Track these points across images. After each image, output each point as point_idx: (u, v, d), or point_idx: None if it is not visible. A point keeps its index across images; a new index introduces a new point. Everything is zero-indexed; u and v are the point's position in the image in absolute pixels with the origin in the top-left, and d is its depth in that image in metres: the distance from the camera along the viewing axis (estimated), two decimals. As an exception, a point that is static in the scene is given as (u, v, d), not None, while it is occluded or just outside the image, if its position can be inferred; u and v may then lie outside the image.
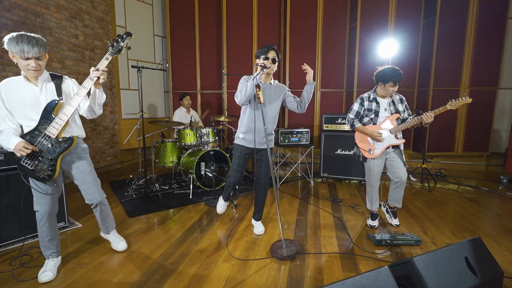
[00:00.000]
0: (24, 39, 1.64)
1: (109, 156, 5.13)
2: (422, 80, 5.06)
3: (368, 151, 2.66)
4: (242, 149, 2.41)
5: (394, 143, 2.59)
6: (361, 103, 2.68)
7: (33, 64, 1.70)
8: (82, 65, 4.53)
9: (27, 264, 2.11)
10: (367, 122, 2.68)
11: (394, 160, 2.62)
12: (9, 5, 3.47)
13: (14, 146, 1.70)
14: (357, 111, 2.69)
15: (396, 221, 2.79)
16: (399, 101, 2.63)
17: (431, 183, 4.20)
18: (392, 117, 2.60)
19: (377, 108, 2.62)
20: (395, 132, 2.58)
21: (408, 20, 4.98)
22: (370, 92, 2.67)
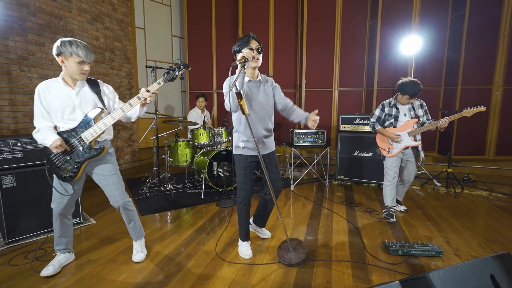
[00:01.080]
0: (81, 44, 1.77)
1: (128, 154, 5.27)
2: (449, 78, 4.73)
3: (386, 151, 2.98)
4: (246, 159, 2.10)
5: (411, 145, 2.87)
6: (382, 109, 3.02)
7: (87, 68, 1.82)
8: (102, 66, 4.68)
9: (42, 258, 2.18)
10: (388, 126, 2.99)
11: (409, 162, 2.94)
12: (35, 10, 3.64)
13: (51, 143, 1.75)
14: (378, 116, 3.04)
15: (403, 207, 3.15)
16: (419, 107, 2.91)
17: (457, 189, 3.91)
18: (411, 121, 2.88)
19: (396, 113, 2.94)
20: (413, 134, 2.85)
21: (434, 14, 4.68)
22: (391, 99, 2.99)
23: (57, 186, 1.91)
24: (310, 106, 5.42)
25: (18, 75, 3.47)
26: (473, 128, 4.60)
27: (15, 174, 2.38)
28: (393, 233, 2.62)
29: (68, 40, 1.75)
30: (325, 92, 5.34)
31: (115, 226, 2.77)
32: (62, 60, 1.78)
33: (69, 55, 1.75)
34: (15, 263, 2.10)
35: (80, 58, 1.76)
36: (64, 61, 1.78)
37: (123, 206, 2.05)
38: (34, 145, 2.47)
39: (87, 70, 1.83)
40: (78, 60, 1.76)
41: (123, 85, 5.09)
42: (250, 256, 2.20)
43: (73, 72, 1.80)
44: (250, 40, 1.96)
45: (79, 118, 1.86)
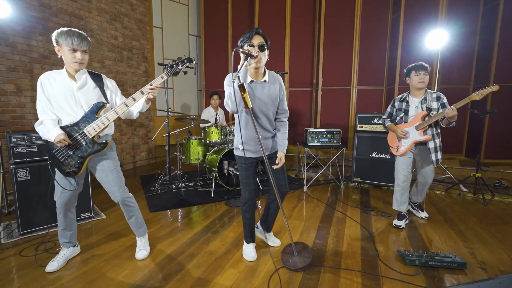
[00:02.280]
0: (74, 32, 1.76)
1: (144, 151, 5.36)
2: (480, 75, 4.37)
3: (395, 149, 2.76)
4: (247, 160, 1.99)
5: (419, 140, 2.59)
6: (393, 104, 2.82)
7: (79, 56, 1.78)
8: (121, 65, 4.78)
9: (51, 250, 2.23)
10: (399, 121, 2.77)
11: (424, 161, 2.66)
12: (56, 10, 3.78)
13: (55, 137, 1.76)
14: (389, 112, 2.85)
15: (424, 214, 2.88)
16: (434, 99, 2.55)
17: (486, 196, 3.58)
18: (420, 114, 2.59)
19: (406, 107, 2.69)
20: (421, 128, 2.56)
21: (463, 6, 4.34)
22: (404, 94, 2.76)
23: (60, 181, 1.92)
24: (326, 104, 5.23)
25: (40, 73, 3.56)
26: (506, 129, 4.21)
27: (29, 168, 2.46)
28: (410, 241, 2.42)
29: (62, 30, 1.75)
30: (343, 91, 5.13)
31: (123, 221, 2.76)
32: (58, 49, 1.78)
33: (62, 44, 1.75)
34: (26, 254, 2.15)
35: (69, 46, 1.73)
36: (60, 50, 1.78)
37: (122, 202, 2.04)
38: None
39: (79, 59, 1.78)
40: (69, 48, 1.74)
41: (140, 84, 5.18)
42: (254, 258, 2.11)
43: (67, 61, 1.80)
44: (253, 35, 1.76)
45: (80, 111, 1.86)
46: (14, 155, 2.39)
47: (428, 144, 2.57)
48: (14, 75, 3.36)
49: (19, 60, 3.39)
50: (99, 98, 1.91)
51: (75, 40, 1.73)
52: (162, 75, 1.90)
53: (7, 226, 2.62)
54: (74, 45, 1.74)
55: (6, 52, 3.27)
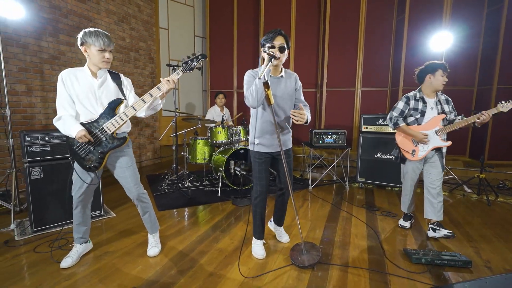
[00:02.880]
0: (102, 33, 1.84)
1: (149, 151, 5.42)
2: (484, 77, 4.41)
3: (411, 153, 2.51)
4: (261, 155, 2.07)
5: (440, 145, 2.42)
6: (407, 101, 2.51)
7: (108, 56, 1.87)
8: (128, 66, 4.85)
9: (64, 247, 2.28)
10: (412, 122, 2.51)
11: (434, 165, 2.46)
12: (66, 12, 3.84)
13: (76, 133, 1.81)
14: (402, 110, 2.53)
15: (446, 231, 2.39)
16: (445, 101, 2.48)
17: (490, 196, 3.61)
18: (438, 117, 2.44)
19: (423, 108, 2.46)
20: (442, 133, 2.42)
21: (467, 8, 4.38)
22: (415, 92, 2.52)
23: (81, 175, 1.98)
24: (331, 106, 5.28)
25: (50, 73, 3.67)
26: (510, 130, 4.25)
27: (43, 166, 2.51)
28: (416, 240, 2.46)
29: (89, 30, 1.82)
30: (347, 92, 5.18)
31: (133, 219, 2.84)
32: (85, 49, 1.85)
33: (91, 44, 1.81)
34: (40, 251, 2.21)
35: (100, 47, 1.81)
36: (87, 50, 1.84)
37: (137, 198, 2.10)
38: (60, 139, 2.59)
39: (109, 58, 1.88)
40: (99, 48, 1.81)
41: (147, 84, 5.24)
42: (263, 256, 2.16)
43: (96, 60, 1.86)
44: (275, 36, 1.88)
45: (100, 108, 1.92)
46: (28, 154, 2.45)
47: (442, 148, 2.46)
48: (25, 76, 3.43)
49: (30, 60, 3.46)
50: (118, 96, 1.97)
51: (105, 40, 1.82)
52: (178, 71, 1.93)
53: (19, 224, 2.68)
54: (104, 45, 1.81)
55: (18, 53, 3.34)
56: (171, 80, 1.90)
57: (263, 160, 2.09)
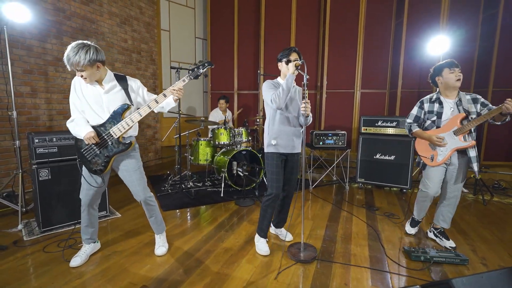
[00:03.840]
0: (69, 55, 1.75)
1: (151, 152, 5.47)
2: (480, 80, 4.52)
3: (429, 159, 2.35)
4: (278, 157, 2.19)
5: (460, 146, 2.22)
6: (421, 106, 2.42)
7: (81, 74, 1.82)
8: (130, 67, 4.89)
9: (74, 246, 2.33)
10: (429, 126, 2.38)
11: (456, 172, 2.28)
12: (70, 14, 3.88)
13: (85, 134, 1.87)
14: (416, 115, 2.45)
15: (450, 243, 2.36)
16: (471, 101, 2.24)
17: (486, 196, 3.71)
18: (457, 116, 2.24)
19: (439, 109, 2.31)
20: (461, 133, 2.21)
21: (464, 13, 4.48)
22: (434, 94, 2.40)
23: (88, 178, 2.03)
24: (331, 107, 5.36)
25: (54, 75, 3.71)
26: (505, 131, 4.36)
27: (50, 168, 2.56)
28: (415, 239, 2.55)
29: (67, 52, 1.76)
30: (347, 94, 5.26)
31: (139, 220, 2.89)
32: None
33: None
34: (49, 251, 2.25)
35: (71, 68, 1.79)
36: None
37: (144, 201, 2.15)
38: (67, 141, 2.64)
39: (83, 77, 1.82)
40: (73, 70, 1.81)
41: (148, 86, 5.28)
42: (268, 252, 2.23)
43: None
44: (290, 53, 2.17)
45: (106, 113, 1.95)
46: (37, 155, 2.49)
47: (469, 152, 2.23)
48: (30, 77, 3.46)
49: (34, 62, 3.50)
50: (124, 101, 2.00)
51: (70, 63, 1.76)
52: (184, 78, 1.97)
53: (27, 224, 2.72)
54: (71, 67, 1.78)
55: (23, 55, 3.38)
56: (178, 88, 1.93)
57: (279, 162, 2.20)
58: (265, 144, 2.25)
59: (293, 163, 2.28)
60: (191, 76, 2.02)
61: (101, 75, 1.92)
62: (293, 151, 2.24)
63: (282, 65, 2.22)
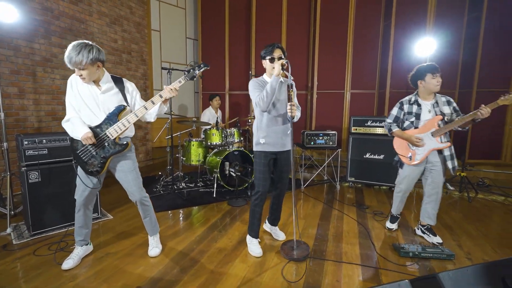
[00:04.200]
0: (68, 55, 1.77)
1: (142, 153, 5.42)
2: (464, 81, 4.67)
3: (408, 158, 2.48)
4: (266, 155, 2.20)
5: (437, 147, 2.37)
6: (400, 107, 2.55)
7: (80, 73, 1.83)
8: (120, 67, 4.84)
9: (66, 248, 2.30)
10: (408, 126, 2.51)
11: (435, 170, 2.41)
12: (58, 14, 3.82)
13: (82, 134, 1.86)
14: (396, 116, 2.58)
15: (437, 239, 2.45)
16: (446, 103, 2.41)
17: (471, 193, 3.85)
18: (435, 119, 2.39)
19: (418, 111, 2.45)
20: (438, 134, 2.36)
21: (449, 16, 4.63)
22: (411, 95, 2.53)
23: (83, 179, 2.02)
24: (321, 107, 5.43)
25: (42, 76, 3.64)
26: (489, 131, 4.52)
27: (40, 170, 2.51)
28: (403, 236, 2.63)
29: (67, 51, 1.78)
30: (337, 94, 5.35)
31: (131, 221, 2.88)
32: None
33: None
34: (40, 254, 2.22)
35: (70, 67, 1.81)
36: None
37: (140, 201, 2.15)
38: (58, 142, 2.60)
39: (81, 76, 1.83)
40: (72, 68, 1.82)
41: (139, 86, 5.23)
42: (261, 254, 2.25)
43: None
44: (274, 49, 2.12)
45: (103, 114, 1.95)
46: (26, 157, 2.45)
47: (444, 151, 2.39)
48: (17, 78, 3.39)
49: (22, 63, 3.42)
50: (120, 102, 2.00)
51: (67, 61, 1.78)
52: (180, 79, 1.99)
53: (15, 228, 2.67)
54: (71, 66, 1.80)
55: (10, 55, 3.30)
56: (174, 88, 1.96)
57: (267, 161, 2.21)
58: (254, 143, 2.27)
59: (284, 160, 2.28)
60: (187, 77, 2.03)
61: (99, 75, 1.93)
62: (283, 148, 2.24)
63: (266, 63, 2.19)
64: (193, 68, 2.03)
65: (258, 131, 2.24)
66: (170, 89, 1.95)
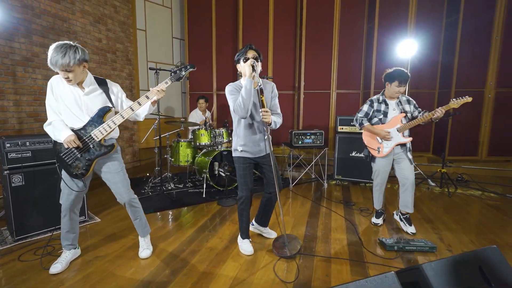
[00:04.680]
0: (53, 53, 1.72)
1: (128, 154, 5.33)
2: (444, 81, 4.87)
3: (376, 150, 2.74)
4: (245, 160, 2.19)
5: (401, 141, 2.65)
6: (371, 104, 2.78)
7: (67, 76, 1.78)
8: (104, 67, 4.74)
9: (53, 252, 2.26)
10: (376, 122, 2.75)
11: (401, 160, 2.68)
12: (39, 12, 3.70)
13: (65, 137, 1.81)
14: (366, 112, 2.79)
15: (412, 229, 2.65)
16: (406, 102, 2.69)
17: (451, 189, 4.03)
18: (399, 116, 2.66)
19: (386, 109, 2.71)
20: (402, 130, 2.64)
21: (429, 19, 4.82)
22: (379, 95, 2.77)
23: (68, 183, 1.98)
24: (308, 107, 5.52)
25: (23, 76, 3.52)
26: (466, 129, 4.74)
27: (24, 173, 2.44)
28: (389, 230, 2.73)
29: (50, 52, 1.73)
30: (323, 94, 5.45)
31: (120, 224, 2.84)
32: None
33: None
34: (25, 259, 2.17)
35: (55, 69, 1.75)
36: None
37: (128, 203, 2.13)
38: (42, 144, 2.53)
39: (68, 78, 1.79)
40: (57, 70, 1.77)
41: (124, 86, 5.15)
42: (252, 252, 2.28)
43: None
44: (247, 51, 2.06)
45: (86, 116, 1.91)
46: (8, 160, 2.37)
47: (406, 144, 2.67)
48: (-3, 78, 3.27)
49: (1, 62, 3.30)
50: (105, 103, 1.98)
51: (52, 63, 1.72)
52: (166, 80, 1.99)
53: (-2, 233, 2.58)
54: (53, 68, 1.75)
55: (-12, 55, 3.18)
56: (160, 89, 1.95)
57: (246, 165, 2.20)
58: (233, 148, 2.25)
59: (268, 163, 2.20)
60: (173, 78, 2.03)
61: (83, 77, 1.89)
62: (261, 154, 2.20)
63: (240, 66, 2.09)
64: (180, 69, 2.03)
65: (236, 138, 2.21)
66: (157, 91, 1.93)
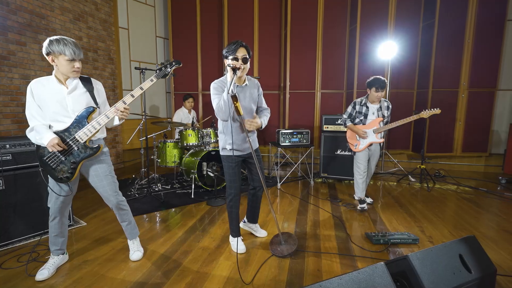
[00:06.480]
0: (69, 42, 1.76)
1: (111, 156, 5.19)
2: (422, 81, 5.11)
3: (354, 146, 3.26)
4: (233, 158, 2.20)
5: (375, 141, 3.16)
6: (354, 106, 3.24)
7: (78, 65, 1.81)
8: (86, 67, 4.59)
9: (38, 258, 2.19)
10: (358, 123, 3.23)
11: (373, 156, 3.27)
12: (15, 8, 3.54)
13: (48, 141, 1.75)
14: (350, 113, 3.27)
15: (369, 199, 3.43)
16: (386, 108, 3.16)
17: (430, 184, 4.25)
18: (377, 120, 3.13)
19: (366, 112, 3.16)
20: (378, 132, 3.11)
21: (407, 22, 5.04)
22: (363, 98, 3.20)
23: (54, 187, 1.92)
24: (294, 107, 5.61)
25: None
26: (443, 127, 5.00)
27: (4, 177, 2.34)
28: (374, 225, 2.85)
29: (56, 39, 1.74)
30: (308, 94, 5.56)
31: (108, 226, 2.78)
32: (52, 59, 1.77)
33: (58, 54, 1.74)
34: (9, 267, 2.08)
35: (70, 56, 1.75)
36: (55, 60, 1.77)
37: (116, 206, 2.09)
38: (23, 147, 2.44)
39: (79, 67, 1.83)
40: (67, 58, 1.75)
41: (107, 86, 5.01)
42: (244, 250, 2.31)
43: (65, 70, 1.79)
44: (238, 48, 1.98)
45: (71, 117, 1.86)
46: (-13, 164, 2.27)
47: (380, 144, 3.24)
48: (-30, 78, 3.10)
49: (-26, 61, 3.13)
50: (89, 103, 1.92)
51: (75, 49, 1.75)
52: (152, 78, 1.94)
53: (-25, 241, 2.45)
54: (74, 55, 1.75)
55: (-40, 53, 3.01)
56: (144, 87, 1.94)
57: (235, 164, 2.22)
58: (220, 147, 2.26)
59: (253, 159, 2.23)
60: (158, 76, 1.98)
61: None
62: (248, 151, 2.24)
63: (227, 62, 2.01)
64: (165, 66, 1.98)
65: (224, 136, 2.21)
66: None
